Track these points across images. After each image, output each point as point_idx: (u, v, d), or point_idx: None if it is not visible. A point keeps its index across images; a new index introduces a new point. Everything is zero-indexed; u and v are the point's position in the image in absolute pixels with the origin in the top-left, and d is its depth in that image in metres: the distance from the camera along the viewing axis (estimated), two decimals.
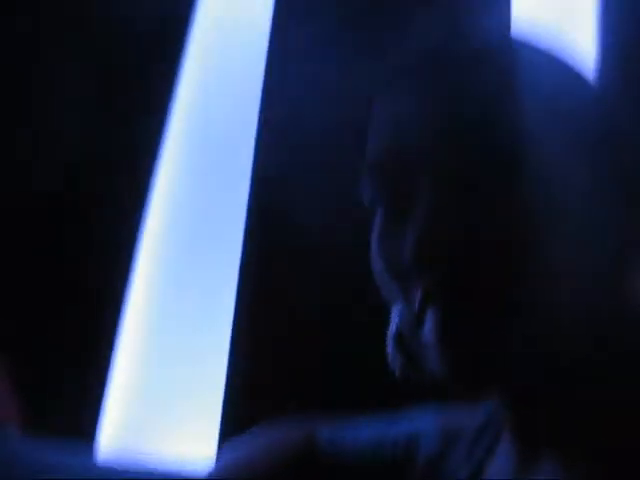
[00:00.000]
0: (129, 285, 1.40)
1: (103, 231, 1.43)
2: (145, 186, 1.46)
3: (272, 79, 1.55)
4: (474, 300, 0.43)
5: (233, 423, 1.29)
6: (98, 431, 1.30)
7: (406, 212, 0.46)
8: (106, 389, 1.33)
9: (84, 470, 0.73)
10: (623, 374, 0.47)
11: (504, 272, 0.43)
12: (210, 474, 0.64)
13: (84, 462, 0.79)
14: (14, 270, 1.36)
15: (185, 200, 1.49)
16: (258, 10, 1.62)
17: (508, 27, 0.55)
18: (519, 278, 0.43)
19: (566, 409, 0.47)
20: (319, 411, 0.72)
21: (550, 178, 0.44)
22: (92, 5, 1.59)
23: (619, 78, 1.32)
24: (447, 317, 0.44)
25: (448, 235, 0.43)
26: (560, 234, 0.44)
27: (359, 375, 1.24)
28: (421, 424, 0.64)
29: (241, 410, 1.30)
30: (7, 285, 1.34)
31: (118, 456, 1.20)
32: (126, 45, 1.55)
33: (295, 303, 1.35)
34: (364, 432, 0.67)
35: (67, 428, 1.18)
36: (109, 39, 1.55)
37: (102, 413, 1.31)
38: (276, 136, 1.49)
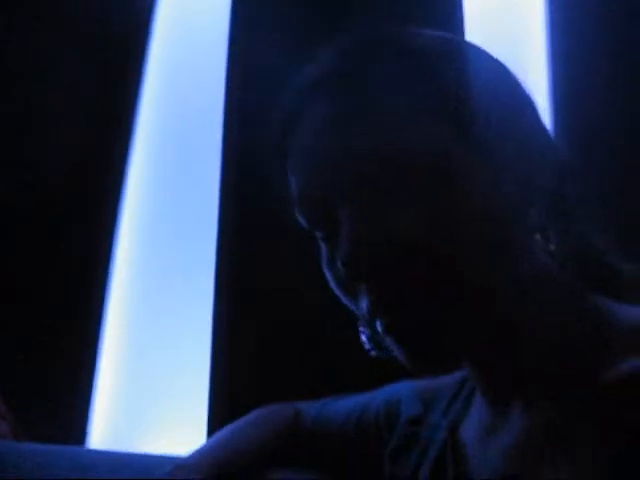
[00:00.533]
0: (110, 286, 1.41)
1: (80, 235, 1.44)
2: (114, 192, 1.48)
3: (235, 73, 1.57)
4: (409, 300, 0.48)
5: (220, 419, 1.30)
6: (87, 434, 1.31)
7: (336, 236, 0.51)
8: (93, 392, 1.34)
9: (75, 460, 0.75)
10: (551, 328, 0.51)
11: (426, 264, 0.47)
12: (202, 446, 0.67)
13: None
14: None
15: (160, 200, 1.51)
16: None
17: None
18: (444, 272, 0.47)
19: (517, 365, 0.52)
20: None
21: (459, 182, 0.48)
22: (59, 3, 1.60)
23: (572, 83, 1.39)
24: (392, 321, 0.49)
25: (370, 248, 0.48)
26: (472, 225, 0.48)
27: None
28: (401, 392, 0.67)
29: (227, 405, 1.31)
30: None
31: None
32: (92, 41, 1.56)
33: (274, 301, 1.37)
34: (347, 403, 0.71)
35: (55, 431, 1.19)
36: (77, 36, 1.56)
37: (90, 415, 1.32)
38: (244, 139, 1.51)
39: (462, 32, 1.39)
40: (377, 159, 0.48)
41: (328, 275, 0.54)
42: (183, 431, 1.30)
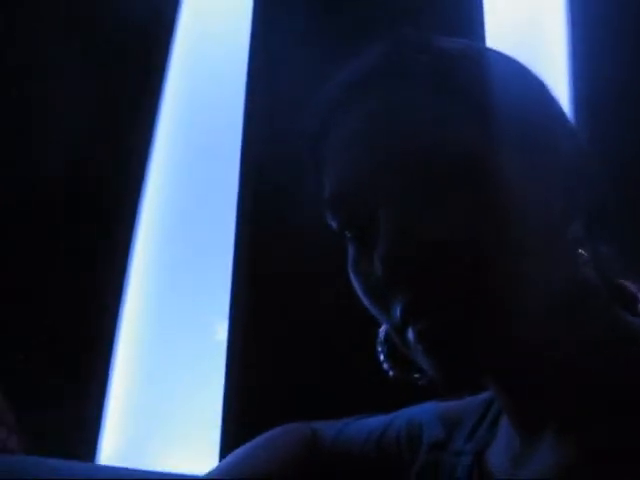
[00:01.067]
0: (125, 298, 1.40)
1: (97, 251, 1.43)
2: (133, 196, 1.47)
3: (256, 75, 1.56)
4: (448, 306, 0.46)
5: (234, 437, 1.28)
6: (98, 449, 1.30)
7: (372, 237, 0.48)
8: (105, 407, 1.33)
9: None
10: (592, 353, 0.49)
11: (472, 274, 0.46)
12: (218, 466, 0.65)
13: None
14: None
15: (176, 214, 1.50)
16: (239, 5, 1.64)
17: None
18: (487, 278, 0.46)
19: (552, 389, 0.49)
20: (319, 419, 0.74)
21: (491, 176, 0.47)
22: (79, 4, 1.61)
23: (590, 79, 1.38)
24: (427, 326, 0.47)
25: (413, 249, 0.46)
26: (508, 225, 0.47)
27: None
28: (423, 415, 0.65)
29: (241, 424, 1.29)
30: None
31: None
32: (114, 41, 1.57)
33: (290, 309, 1.36)
34: (368, 422, 0.68)
35: (66, 446, 1.17)
36: (97, 36, 1.56)
37: (102, 431, 1.31)
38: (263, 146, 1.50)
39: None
40: (424, 158, 0.47)
41: (355, 278, 0.51)
42: (196, 448, 1.28)
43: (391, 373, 0.55)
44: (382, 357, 0.56)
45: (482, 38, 1.43)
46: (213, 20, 1.66)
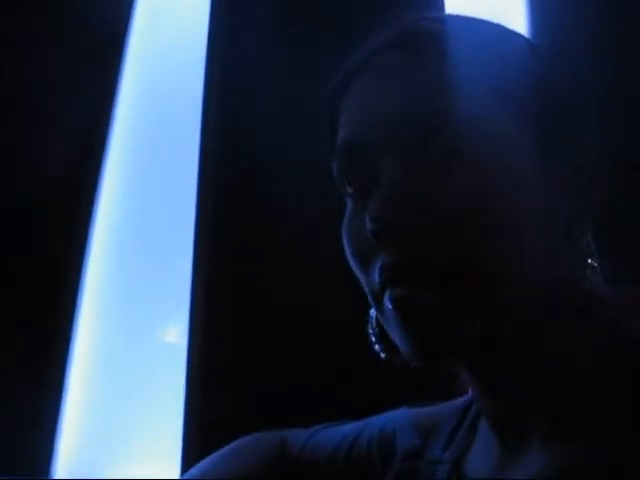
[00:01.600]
0: (80, 306, 1.36)
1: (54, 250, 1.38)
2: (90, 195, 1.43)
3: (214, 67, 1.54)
4: (430, 275, 0.45)
5: (195, 446, 1.25)
6: (53, 464, 1.25)
7: (370, 193, 0.48)
8: (60, 420, 1.28)
9: None
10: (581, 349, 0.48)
11: (458, 238, 0.45)
12: (185, 475, 0.63)
13: None
14: None
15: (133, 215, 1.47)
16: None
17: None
18: (473, 248, 0.45)
19: (534, 387, 0.48)
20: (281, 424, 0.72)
21: (497, 149, 0.47)
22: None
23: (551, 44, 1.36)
24: (405, 293, 0.45)
25: (404, 207, 0.46)
26: (510, 203, 0.46)
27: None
28: (396, 421, 0.64)
29: (201, 432, 1.26)
30: None
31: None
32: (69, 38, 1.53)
33: (252, 315, 1.33)
34: (338, 431, 0.67)
35: (19, 461, 1.13)
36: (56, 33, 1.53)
37: (57, 445, 1.26)
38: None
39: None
40: (424, 126, 0.47)
41: (346, 238, 0.51)
42: (156, 462, 1.25)
43: (382, 355, 0.53)
44: (373, 338, 0.54)
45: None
46: (170, 12, 1.62)
